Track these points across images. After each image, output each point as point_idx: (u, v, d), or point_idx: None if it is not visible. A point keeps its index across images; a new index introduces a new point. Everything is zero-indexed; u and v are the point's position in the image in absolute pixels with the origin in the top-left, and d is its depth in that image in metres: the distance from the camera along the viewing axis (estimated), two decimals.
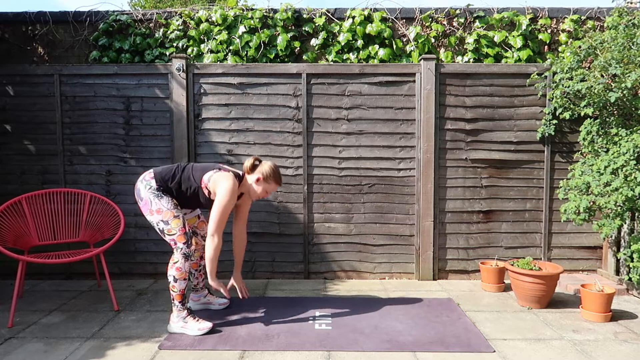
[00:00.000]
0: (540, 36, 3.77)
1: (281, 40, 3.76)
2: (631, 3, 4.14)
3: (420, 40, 3.76)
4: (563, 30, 3.79)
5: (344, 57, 3.82)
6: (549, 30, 3.81)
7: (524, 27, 3.72)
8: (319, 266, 3.63)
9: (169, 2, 12.48)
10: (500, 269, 3.29)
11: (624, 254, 3.17)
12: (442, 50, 3.85)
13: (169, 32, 3.84)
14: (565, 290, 3.32)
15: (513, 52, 3.77)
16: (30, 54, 3.85)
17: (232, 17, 3.80)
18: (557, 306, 2.96)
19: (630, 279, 3.13)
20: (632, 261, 3.13)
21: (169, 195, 2.52)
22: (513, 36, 3.76)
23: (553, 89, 3.42)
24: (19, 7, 39.41)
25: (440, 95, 3.53)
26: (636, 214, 3.17)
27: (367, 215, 3.59)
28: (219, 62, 3.77)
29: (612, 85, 2.99)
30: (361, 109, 3.56)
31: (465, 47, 3.83)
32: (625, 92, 2.88)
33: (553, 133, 3.48)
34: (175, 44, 3.85)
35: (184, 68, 3.48)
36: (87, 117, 3.57)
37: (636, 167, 2.77)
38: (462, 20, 3.82)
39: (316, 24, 3.81)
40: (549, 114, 3.49)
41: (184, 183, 2.53)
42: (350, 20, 3.78)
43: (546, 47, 3.81)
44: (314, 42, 3.82)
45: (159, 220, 2.48)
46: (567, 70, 3.23)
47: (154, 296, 3.18)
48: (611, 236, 3.37)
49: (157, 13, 3.88)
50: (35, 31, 3.84)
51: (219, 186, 2.47)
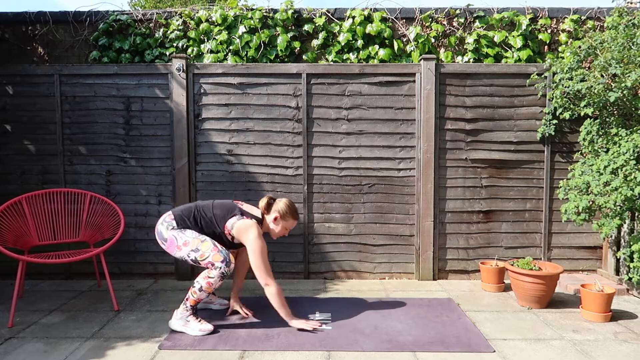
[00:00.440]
0: (540, 36, 3.77)
1: (281, 41, 3.76)
2: (631, 3, 4.14)
3: (420, 40, 3.76)
4: (563, 30, 3.79)
5: (344, 57, 3.82)
6: (549, 30, 3.81)
7: (524, 27, 3.72)
8: (319, 266, 3.63)
9: (169, 2, 12.48)
10: (500, 269, 3.29)
11: (624, 254, 3.17)
12: (442, 50, 3.85)
13: (169, 32, 3.84)
14: (565, 290, 3.32)
15: (513, 52, 3.77)
16: (30, 54, 3.85)
17: (232, 17, 3.80)
18: (557, 306, 2.97)
19: (630, 279, 3.13)
20: (632, 261, 3.13)
21: (191, 229, 2.53)
22: (513, 36, 3.76)
23: (553, 89, 3.42)
24: (19, 7, 39.41)
25: (440, 95, 3.53)
26: (636, 214, 3.17)
27: (367, 215, 3.59)
28: (219, 62, 3.77)
29: (612, 85, 2.99)
30: (361, 109, 3.56)
31: (465, 47, 3.83)
32: (625, 92, 2.88)
33: (553, 133, 3.48)
34: (175, 44, 3.85)
35: (184, 68, 3.48)
36: (87, 117, 3.57)
37: (636, 167, 2.77)
38: (462, 20, 3.82)
39: (316, 24, 3.81)
40: (549, 114, 3.49)
41: (206, 227, 2.54)
42: (350, 20, 3.78)
43: (546, 47, 3.82)
44: (314, 42, 3.82)
45: (188, 252, 2.47)
46: (567, 70, 3.23)
47: (154, 296, 3.18)
48: (611, 236, 3.37)
49: (157, 13, 3.88)
50: (35, 31, 3.84)
51: (245, 238, 2.49)
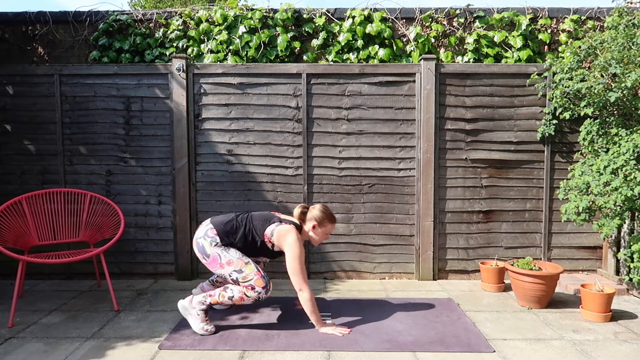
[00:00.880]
0: (540, 36, 3.77)
1: (281, 41, 3.76)
2: (631, 3, 4.14)
3: (420, 40, 3.76)
4: (563, 30, 3.79)
5: (344, 57, 3.82)
6: (549, 30, 3.81)
7: (524, 27, 3.72)
8: (319, 266, 3.63)
9: (169, 2, 12.48)
10: (500, 269, 3.29)
11: (624, 254, 3.17)
12: (442, 50, 3.85)
13: (169, 32, 3.84)
14: (565, 290, 3.32)
15: (513, 52, 3.77)
16: (30, 54, 3.85)
17: (232, 17, 3.80)
18: (557, 306, 2.96)
19: (631, 279, 3.13)
20: (632, 261, 3.13)
21: (235, 247, 2.53)
22: (513, 36, 3.76)
23: (553, 89, 3.42)
24: (19, 7, 39.43)
25: (440, 95, 3.53)
26: (636, 214, 3.17)
27: (367, 215, 3.59)
28: (219, 62, 3.77)
29: (612, 85, 2.99)
30: (361, 109, 3.56)
31: (465, 47, 3.83)
32: (625, 92, 2.88)
33: (553, 133, 3.48)
34: (175, 44, 3.85)
35: (184, 68, 3.48)
36: (87, 117, 3.57)
37: (636, 167, 2.77)
38: (462, 20, 3.82)
39: (316, 24, 3.81)
40: (549, 114, 3.49)
41: (248, 237, 2.54)
42: (350, 20, 3.78)
43: (546, 47, 3.82)
44: (314, 42, 3.82)
45: (231, 272, 2.48)
46: (567, 70, 3.23)
47: (154, 296, 3.18)
48: (611, 236, 3.37)
49: (157, 13, 3.88)
50: (35, 31, 3.84)
51: (284, 243, 2.49)
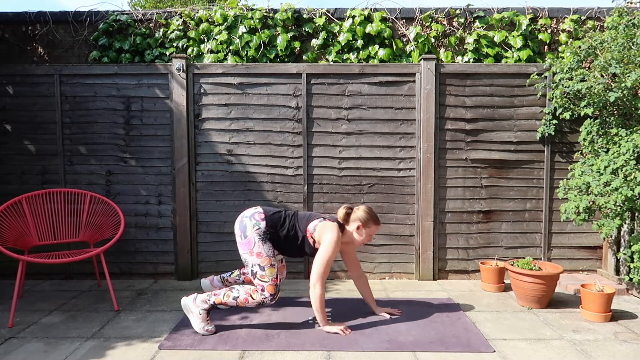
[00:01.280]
0: (540, 36, 3.77)
1: (281, 41, 3.76)
2: (631, 3, 4.14)
3: (420, 40, 3.76)
4: (563, 30, 3.79)
5: (344, 57, 3.82)
6: (549, 30, 3.81)
7: (524, 27, 3.72)
8: None
9: (169, 2, 12.48)
10: (500, 269, 3.29)
11: (624, 254, 3.17)
12: (442, 50, 3.85)
13: (169, 32, 3.84)
14: (565, 290, 3.32)
15: (513, 52, 3.77)
16: (30, 54, 3.85)
17: (232, 17, 3.80)
18: (557, 306, 2.96)
19: (631, 279, 3.13)
20: (632, 261, 3.13)
21: (272, 243, 2.52)
22: (513, 36, 3.76)
23: (553, 89, 3.42)
24: (19, 7, 39.42)
25: (440, 95, 3.53)
26: (636, 214, 3.17)
27: None
28: (219, 62, 3.77)
29: (612, 85, 2.99)
30: (361, 109, 3.56)
31: (465, 47, 3.83)
32: (625, 92, 2.88)
33: (553, 133, 3.48)
34: (175, 44, 3.85)
35: (184, 68, 3.48)
36: (87, 117, 3.57)
37: (636, 167, 2.77)
38: (462, 20, 3.82)
39: (316, 24, 3.81)
40: (549, 114, 3.49)
41: (291, 231, 2.54)
42: (350, 20, 3.78)
43: (546, 47, 3.82)
44: (314, 42, 3.82)
45: (256, 264, 2.47)
46: (567, 71, 3.23)
47: (154, 296, 3.18)
48: (611, 236, 3.37)
49: (157, 13, 3.88)
50: (35, 31, 3.84)
51: (324, 236, 2.48)
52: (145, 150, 3.58)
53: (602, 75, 3.03)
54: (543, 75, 3.47)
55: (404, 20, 3.85)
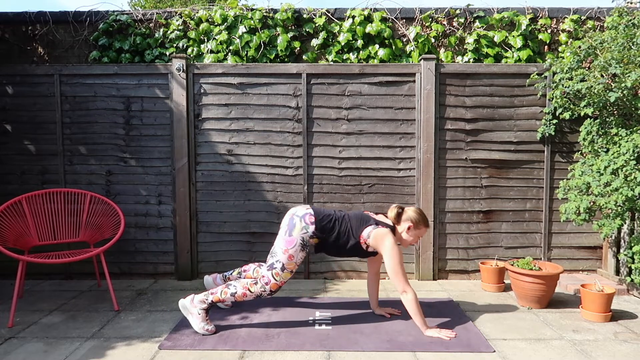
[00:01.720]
0: (540, 36, 3.77)
1: (281, 41, 3.76)
2: (631, 3, 4.14)
3: (420, 40, 3.76)
4: (563, 30, 3.79)
5: (344, 57, 3.82)
6: (549, 30, 3.81)
7: (524, 27, 3.72)
8: (319, 266, 3.63)
9: (169, 2, 12.48)
10: (500, 269, 3.29)
11: (625, 255, 3.17)
12: (442, 50, 3.85)
13: (169, 32, 3.84)
14: (565, 290, 3.32)
15: (513, 52, 3.77)
16: (30, 54, 3.85)
17: (232, 17, 3.80)
18: (557, 306, 2.96)
19: (632, 280, 3.13)
20: (633, 262, 3.13)
21: (308, 251, 2.52)
22: (513, 36, 3.76)
23: (553, 89, 3.42)
24: (19, 7, 39.44)
25: (440, 95, 3.53)
26: (636, 214, 3.17)
27: None
28: (219, 62, 3.77)
29: (612, 85, 2.99)
30: (361, 109, 3.56)
31: (465, 47, 3.83)
32: (625, 92, 2.88)
33: (553, 133, 3.48)
34: (175, 44, 3.85)
35: (184, 68, 3.48)
36: (87, 117, 3.57)
37: (636, 167, 2.77)
38: (462, 20, 3.82)
39: (316, 24, 3.81)
40: (549, 113, 3.49)
41: (342, 236, 2.52)
42: (350, 20, 3.78)
43: (546, 47, 3.81)
44: (314, 42, 3.82)
45: (281, 261, 2.46)
46: (567, 70, 3.22)
47: (154, 296, 3.18)
48: (611, 236, 3.37)
49: (157, 13, 3.88)
50: (35, 31, 3.84)
51: (381, 246, 2.46)
52: (145, 150, 3.58)
53: (602, 75, 3.03)
54: (543, 75, 3.47)
55: (404, 20, 3.85)
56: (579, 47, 3.22)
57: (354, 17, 3.77)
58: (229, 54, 3.81)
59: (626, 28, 3.05)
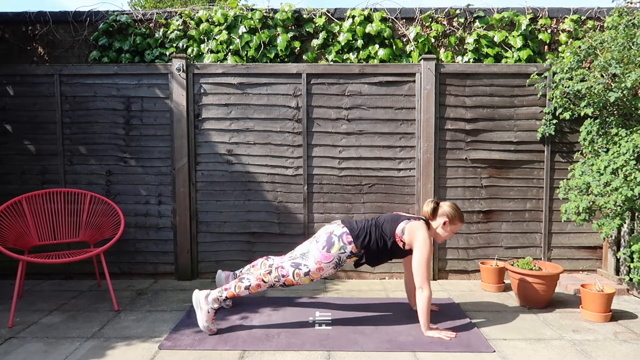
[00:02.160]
0: (540, 36, 3.77)
1: (281, 40, 3.76)
2: (631, 3, 4.14)
3: (420, 40, 3.76)
4: (563, 30, 3.79)
5: (344, 57, 3.82)
6: (549, 30, 3.81)
7: (524, 27, 3.72)
8: None
9: (169, 2, 12.48)
10: (500, 269, 3.29)
11: (624, 254, 3.17)
12: (442, 50, 3.85)
13: (169, 32, 3.84)
14: (565, 290, 3.32)
15: (513, 52, 3.77)
16: (30, 54, 3.85)
17: (232, 17, 3.80)
18: (557, 306, 2.96)
19: (631, 279, 3.13)
20: (632, 261, 3.13)
21: (340, 267, 2.54)
22: (513, 36, 3.76)
23: (553, 89, 3.42)
24: (19, 7, 39.44)
25: (440, 95, 3.53)
26: (636, 214, 3.17)
27: (367, 215, 3.59)
28: (219, 62, 3.77)
29: (612, 85, 2.99)
30: (361, 109, 3.56)
31: (465, 47, 3.83)
32: (625, 92, 2.88)
33: (553, 133, 3.48)
34: (175, 44, 3.85)
35: (184, 68, 3.48)
36: (87, 117, 3.57)
37: (636, 167, 2.77)
38: (462, 20, 3.82)
39: (316, 24, 3.81)
40: (549, 113, 3.49)
41: (379, 242, 2.52)
42: (350, 20, 3.78)
43: (546, 47, 3.82)
44: (314, 42, 3.82)
45: (310, 268, 2.48)
46: (567, 71, 3.23)
47: (154, 296, 3.18)
48: (611, 236, 3.37)
49: (157, 13, 3.88)
50: (35, 31, 3.84)
51: (415, 239, 2.45)
52: (145, 150, 3.58)
53: (602, 75, 3.03)
54: (543, 75, 3.47)
55: (404, 20, 3.85)
56: (579, 47, 3.22)
57: (354, 17, 3.77)
58: (229, 54, 3.81)
59: (626, 28, 3.05)
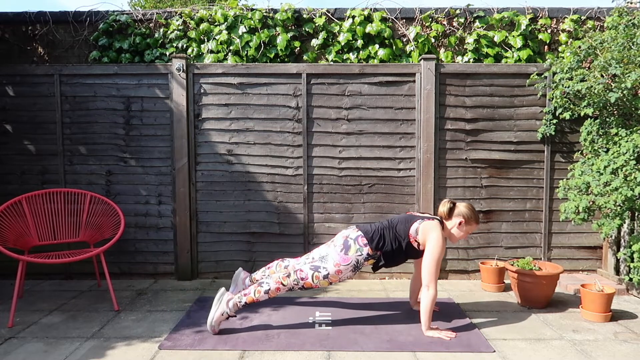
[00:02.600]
0: (540, 36, 3.77)
1: (281, 40, 3.76)
2: (631, 3, 4.14)
3: (420, 40, 3.76)
4: (563, 30, 3.79)
5: (344, 57, 3.82)
6: (549, 30, 3.81)
7: (524, 27, 3.72)
8: None
9: (169, 2, 12.48)
10: (500, 269, 3.29)
11: (624, 254, 3.17)
12: (442, 50, 3.85)
13: (169, 32, 3.84)
14: (565, 290, 3.32)
15: (513, 52, 3.77)
16: (30, 54, 3.85)
17: (232, 17, 3.80)
18: (557, 306, 2.96)
19: (631, 279, 3.13)
20: (632, 261, 3.13)
21: (358, 270, 2.54)
22: (513, 36, 3.76)
23: (553, 89, 3.42)
24: (19, 7, 39.42)
25: (440, 95, 3.53)
26: (636, 214, 3.17)
27: (367, 215, 3.59)
28: (219, 62, 3.77)
29: (612, 86, 2.99)
30: (361, 109, 3.56)
31: (465, 47, 3.83)
32: (625, 92, 2.88)
33: (553, 133, 3.48)
34: (175, 44, 3.85)
35: (184, 68, 3.48)
36: (87, 117, 3.57)
37: (636, 167, 2.77)
38: (462, 20, 3.82)
39: (316, 24, 3.81)
40: (548, 113, 3.49)
41: (394, 243, 2.52)
42: (350, 20, 3.78)
43: (546, 47, 3.82)
44: (314, 42, 3.82)
45: (329, 270, 2.48)
46: (567, 71, 3.22)
47: (154, 296, 3.18)
48: (611, 236, 3.37)
49: (157, 13, 3.88)
50: (35, 31, 3.84)
51: (429, 237, 2.45)
52: (145, 150, 3.58)
53: (602, 76, 3.03)
54: (543, 75, 3.47)
55: (404, 20, 3.85)
56: (579, 47, 3.22)
57: (354, 17, 3.77)
58: (229, 54, 3.81)
59: (626, 28, 3.05)
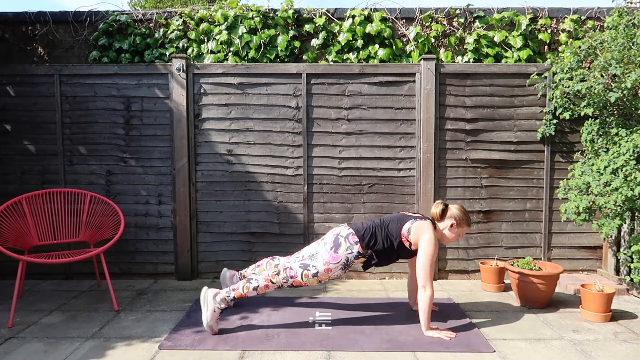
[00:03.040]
0: (540, 36, 3.77)
1: (281, 40, 3.76)
2: (631, 3, 4.14)
3: (420, 40, 3.76)
4: (563, 30, 3.79)
5: (344, 57, 3.82)
6: (549, 30, 3.81)
7: (524, 27, 3.72)
8: None
9: (169, 2, 12.48)
10: (500, 269, 3.29)
11: (624, 254, 3.17)
12: (442, 50, 3.85)
13: (169, 32, 3.84)
14: (565, 290, 3.32)
15: (513, 52, 3.77)
16: (30, 54, 3.85)
17: (233, 17, 3.80)
18: (557, 306, 2.96)
19: (632, 280, 3.13)
20: (632, 261, 3.13)
21: (348, 268, 2.54)
22: (513, 36, 3.76)
23: (553, 89, 3.42)
24: (19, 7, 39.41)
25: (440, 95, 3.53)
26: (636, 214, 3.17)
27: (367, 215, 3.59)
28: (219, 62, 3.77)
29: (612, 86, 2.99)
30: (361, 109, 3.56)
31: (465, 47, 3.83)
32: (625, 92, 2.88)
33: (553, 133, 3.48)
34: (175, 44, 3.85)
35: (184, 68, 3.48)
36: (87, 117, 3.57)
37: (636, 167, 2.77)
38: (462, 20, 3.82)
39: (316, 24, 3.81)
40: (548, 113, 3.49)
41: (385, 242, 2.52)
42: (350, 20, 3.78)
43: (546, 47, 3.82)
44: (314, 42, 3.82)
45: (319, 269, 2.49)
46: (567, 71, 3.22)
47: (154, 296, 3.18)
48: (611, 236, 3.37)
49: (157, 13, 3.88)
50: (35, 31, 3.84)
51: (421, 237, 2.46)
52: (145, 150, 3.58)
53: (602, 76, 3.03)
54: (543, 75, 3.47)
55: (404, 20, 3.85)
56: (579, 47, 3.22)
57: (354, 17, 3.77)
58: (229, 54, 3.81)
59: (626, 28, 3.05)
